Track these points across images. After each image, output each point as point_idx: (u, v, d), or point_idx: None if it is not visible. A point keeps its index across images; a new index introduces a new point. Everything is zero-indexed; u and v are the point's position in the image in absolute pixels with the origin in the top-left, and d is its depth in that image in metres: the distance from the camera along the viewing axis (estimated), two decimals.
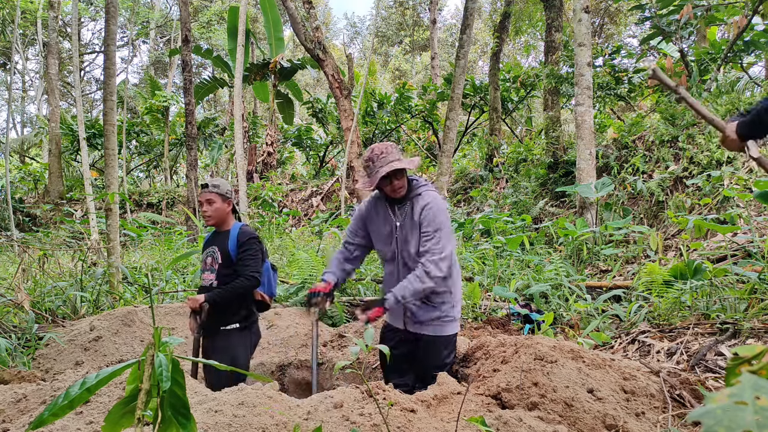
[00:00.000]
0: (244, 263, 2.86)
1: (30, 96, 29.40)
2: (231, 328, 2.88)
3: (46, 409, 0.84)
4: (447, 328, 2.58)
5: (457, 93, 6.20)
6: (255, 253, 2.90)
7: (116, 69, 6.71)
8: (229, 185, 3.06)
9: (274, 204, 12.75)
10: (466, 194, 11.03)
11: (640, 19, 8.58)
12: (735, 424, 0.44)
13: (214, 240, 3.02)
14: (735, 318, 3.04)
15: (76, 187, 17.25)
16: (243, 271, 2.84)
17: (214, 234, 3.08)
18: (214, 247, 2.96)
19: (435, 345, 2.59)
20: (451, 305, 2.59)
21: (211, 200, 2.91)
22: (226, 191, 2.96)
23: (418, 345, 2.64)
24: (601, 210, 6.60)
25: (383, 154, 2.49)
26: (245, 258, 2.87)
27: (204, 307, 2.76)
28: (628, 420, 1.95)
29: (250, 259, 2.87)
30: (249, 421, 1.72)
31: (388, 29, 31.58)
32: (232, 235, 2.94)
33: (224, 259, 2.90)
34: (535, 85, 12.15)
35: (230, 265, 2.89)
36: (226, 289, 2.79)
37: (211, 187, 2.93)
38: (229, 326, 2.87)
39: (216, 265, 2.90)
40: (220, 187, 2.93)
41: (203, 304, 2.76)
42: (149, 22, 25.43)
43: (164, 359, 0.90)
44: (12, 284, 4.50)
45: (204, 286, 2.95)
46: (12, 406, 2.06)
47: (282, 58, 15.23)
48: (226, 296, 2.79)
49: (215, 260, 2.92)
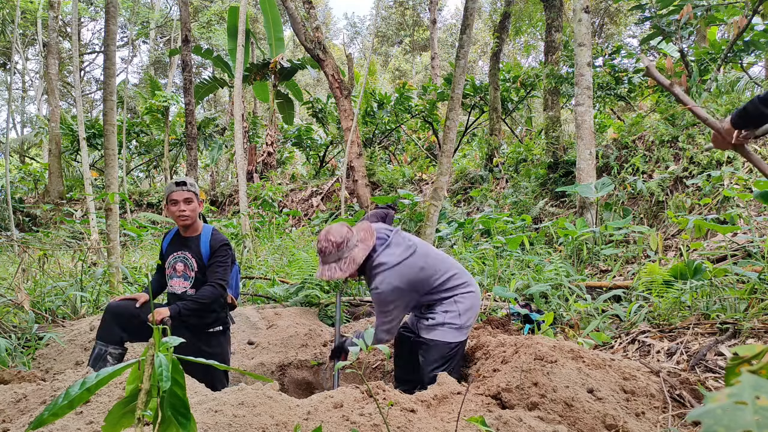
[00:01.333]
0: (213, 270, 2.79)
1: (30, 96, 29.40)
2: (216, 330, 2.88)
3: (46, 409, 0.84)
4: (450, 335, 2.61)
5: (457, 93, 6.18)
6: (225, 260, 2.83)
7: (116, 69, 6.71)
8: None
9: (274, 204, 12.75)
10: (466, 194, 11.03)
11: (640, 19, 8.57)
12: (735, 424, 0.44)
13: (182, 244, 2.88)
14: (735, 318, 3.04)
15: (76, 187, 17.25)
16: (211, 278, 2.77)
17: (179, 237, 2.92)
18: (185, 253, 2.84)
19: (434, 348, 2.61)
20: (458, 313, 2.61)
21: (190, 199, 2.77)
22: (197, 190, 2.84)
23: (422, 347, 2.68)
24: (601, 210, 6.59)
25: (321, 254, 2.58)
26: (215, 265, 2.79)
27: (167, 322, 2.63)
28: (628, 420, 1.95)
29: (219, 267, 2.80)
30: (249, 421, 1.72)
31: (388, 29, 31.57)
32: (203, 241, 2.84)
33: (200, 267, 2.82)
34: (535, 85, 12.15)
35: (205, 272, 2.82)
36: (192, 301, 2.71)
37: (189, 185, 2.78)
38: (213, 329, 2.87)
39: (191, 272, 2.82)
40: (195, 186, 2.81)
41: (166, 318, 2.62)
42: (149, 22, 25.43)
43: (164, 359, 0.90)
44: (12, 284, 4.50)
45: (175, 293, 2.85)
46: (12, 406, 2.06)
47: (282, 58, 15.23)
48: (193, 308, 2.70)
49: (189, 268, 2.82)
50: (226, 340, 2.96)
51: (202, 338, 2.82)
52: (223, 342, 2.92)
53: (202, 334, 2.82)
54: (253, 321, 4.27)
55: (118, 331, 2.74)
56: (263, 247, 8.52)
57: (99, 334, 2.77)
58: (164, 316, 2.62)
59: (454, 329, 2.60)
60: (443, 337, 2.59)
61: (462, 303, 2.63)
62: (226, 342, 2.95)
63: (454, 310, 2.60)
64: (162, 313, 2.63)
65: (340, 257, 2.51)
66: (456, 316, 2.59)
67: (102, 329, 2.76)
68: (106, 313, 2.79)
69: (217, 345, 2.88)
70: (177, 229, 2.96)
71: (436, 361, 2.58)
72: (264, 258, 7.30)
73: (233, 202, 14.75)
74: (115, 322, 2.75)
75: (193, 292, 2.82)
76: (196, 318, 2.78)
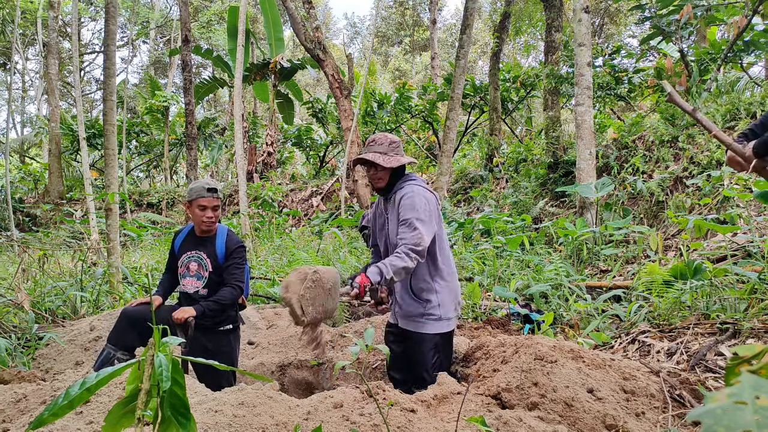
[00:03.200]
0: (230, 272, 2.81)
1: (30, 96, 29.40)
2: (226, 329, 2.89)
3: (46, 409, 0.84)
4: (430, 326, 2.55)
5: (457, 93, 6.19)
6: (242, 262, 2.86)
7: (116, 69, 6.71)
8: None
9: (274, 204, 12.75)
10: (466, 194, 11.03)
11: (640, 19, 8.58)
12: (735, 424, 0.44)
13: (198, 244, 2.89)
14: (735, 318, 3.04)
15: (76, 187, 17.25)
16: (229, 280, 2.79)
17: (193, 237, 2.93)
18: (200, 253, 2.85)
19: (417, 343, 2.57)
20: (437, 304, 2.55)
21: (218, 206, 2.81)
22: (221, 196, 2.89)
23: (407, 343, 2.64)
24: (601, 210, 6.59)
25: (372, 142, 2.58)
26: (232, 267, 2.82)
27: (191, 322, 2.64)
28: (628, 420, 1.95)
29: (237, 269, 2.82)
30: (249, 421, 1.72)
31: (388, 29, 31.58)
32: (219, 242, 2.85)
33: (215, 267, 2.83)
34: (535, 85, 12.15)
35: (220, 273, 2.83)
36: (214, 302, 2.73)
37: (219, 192, 2.82)
38: (224, 327, 2.88)
39: (205, 272, 2.83)
40: (219, 192, 2.84)
41: (190, 319, 2.63)
42: (149, 22, 25.44)
43: (164, 359, 0.90)
44: (12, 284, 4.50)
45: (187, 293, 2.86)
46: (12, 406, 2.06)
47: (282, 58, 15.23)
48: (215, 308, 2.73)
49: (203, 267, 2.84)
50: (235, 338, 2.96)
51: (211, 337, 2.83)
52: (232, 340, 2.93)
53: (211, 333, 2.83)
54: (253, 321, 4.27)
55: (133, 337, 2.73)
56: (263, 247, 8.52)
57: (111, 338, 2.76)
58: (189, 315, 2.62)
59: (439, 321, 2.56)
60: (431, 329, 2.55)
61: (449, 292, 2.60)
62: (235, 341, 2.95)
63: (440, 301, 2.56)
64: (188, 312, 2.63)
65: (387, 152, 2.54)
66: (437, 306, 2.55)
67: (115, 333, 2.76)
68: (123, 318, 2.77)
69: (227, 344, 2.89)
70: (190, 228, 2.97)
71: (429, 351, 2.56)
72: (264, 258, 7.30)
73: (233, 202, 14.75)
74: (131, 328, 2.74)
75: (206, 292, 2.82)
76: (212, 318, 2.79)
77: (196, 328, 2.74)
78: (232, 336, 2.93)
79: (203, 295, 2.83)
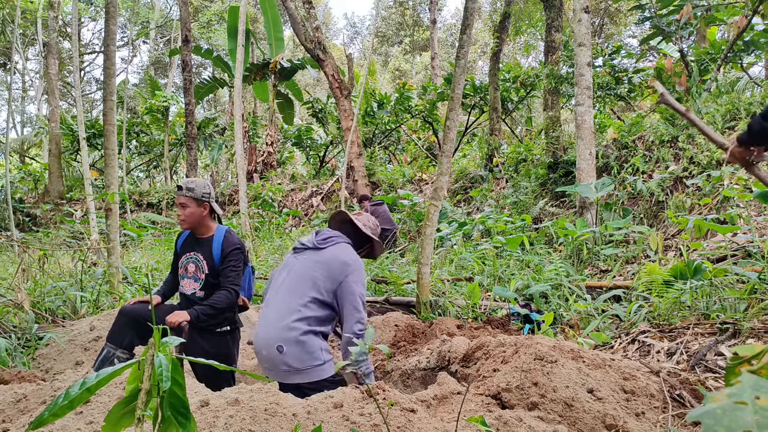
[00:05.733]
0: (225, 275, 2.78)
1: (30, 96, 29.40)
2: (223, 330, 2.88)
3: (46, 409, 0.84)
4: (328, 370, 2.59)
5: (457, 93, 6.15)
6: (238, 265, 2.83)
7: (116, 69, 6.71)
8: (208, 186, 2.88)
9: (274, 204, 12.76)
10: (466, 194, 11.03)
11: (640, 19, 8.57)
12: (735, 424, 0.44)
13: (195, 245, 2.89)
14: (735, 318, 3.04)
15: (76, 187, 17.26)
16: (224, 283, 2.77)
17: (193, 238, 2.93)
18: (197, 255, 2.84)
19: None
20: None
21: (185, 204, 2.77)
22: (201, 194, 2.79)
23: None
24: (601, 210, 6.59)
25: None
26: (227, 270, 2.79)
27: (185, 327, 2.61)
28: (628, 420, 1.95)
29: (232, 272, 2.79)
30: (249, 421, 1.72)
31: (388, 29, 31.60)
32: (215, 244, 2.83)
33: (211, 269, 2.81)
34: (535, 85, 12.15)
35: (216, 275, 2.82)
36: (209, 306, 2.71)
37: (185, 190, 2.77)
38: (222, 329, 2.87)
39: (202, 274, 2.82)
40: (194, 191, 2.78)
41: (183, 324, 2.60)
42: (149, 22, 25.44)
43: (164, 359, 0.90)
44: (12, 284, 4.50)
45: (185, 294, 2.85)
46: (12, 406, 2.06)
47: (282, 58, 15.24)
48: (209, 313, 2.70)
49: (200, 269, 2.82)
50: (234, 340, 2.94)
51: (208, 338, 2.82)
52: (229, 342, 2.90)
53: (208, 334, 2.82)
54: (253, 321, 4.26)
55: (132, 336, 2.73)
56: (263, 247, 8.52)
57: (110, 337, 2.75)
58: (183, 320, 2.60)
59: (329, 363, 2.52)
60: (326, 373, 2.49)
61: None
62: (233, 342, 2.93)
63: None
64: (181, 317, 2.61)
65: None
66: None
67: (114, 332, 2.75)
68: (121, 316, 2.76)
69: (224, 346, 2.86)
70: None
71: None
72: (264, 258, 7.30)
73: (233, 202, 14.75)
74: (130, 326, 2.73)
75: (202, 294, 2.81)
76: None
77: (194, 328, 2.73)
78: (230, 338, 2.91)
79: (200, 297, 2.82)
